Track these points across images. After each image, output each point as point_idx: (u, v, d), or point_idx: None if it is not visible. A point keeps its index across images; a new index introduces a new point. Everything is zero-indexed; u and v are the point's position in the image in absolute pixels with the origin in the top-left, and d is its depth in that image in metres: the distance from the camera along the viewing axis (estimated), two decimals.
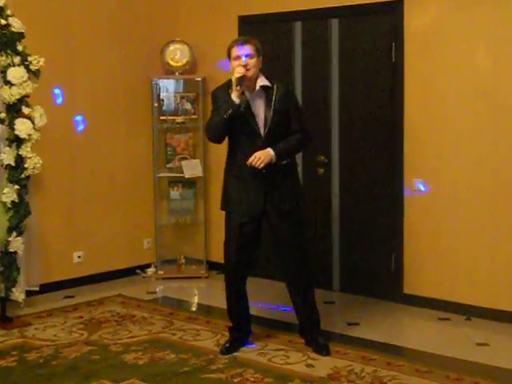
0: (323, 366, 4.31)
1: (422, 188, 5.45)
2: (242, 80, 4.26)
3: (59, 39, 5.96)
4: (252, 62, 4.34)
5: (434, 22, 5.35)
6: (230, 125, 4.33)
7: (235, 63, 4.35)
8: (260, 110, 4.41)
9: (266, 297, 5.68)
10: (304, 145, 4.65)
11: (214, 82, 6.53)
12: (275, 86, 4.43)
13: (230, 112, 4.27)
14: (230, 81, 4.37)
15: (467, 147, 5.25)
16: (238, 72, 4.27)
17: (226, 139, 4.52)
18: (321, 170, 6.00)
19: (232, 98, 4.28)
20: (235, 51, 4.37)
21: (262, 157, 4.31)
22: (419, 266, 5.54)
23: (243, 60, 4.31)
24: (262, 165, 4.31)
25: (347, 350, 4.57)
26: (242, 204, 4.46)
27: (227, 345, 4.58)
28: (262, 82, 4.41)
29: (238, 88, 4.26)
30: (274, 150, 4.34)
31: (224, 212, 4.60)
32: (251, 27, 6.26)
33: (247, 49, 4.35)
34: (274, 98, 4.40)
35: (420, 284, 5.54)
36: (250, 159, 4.31)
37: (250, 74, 4.32)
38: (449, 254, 5.38)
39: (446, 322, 5.23)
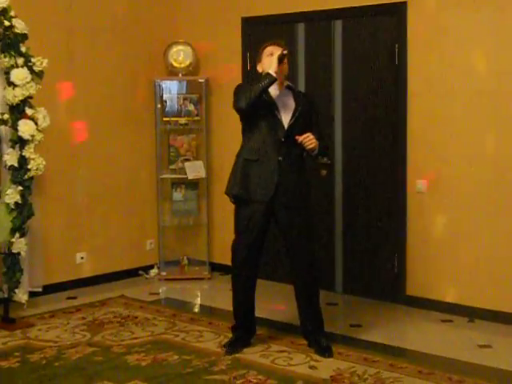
0: (326, 367, 4.31)
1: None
2: (284, 57, 4.41)
3: (62, 41, 5.96)
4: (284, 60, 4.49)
5: (437, 23, 5.34)
6: (257, 105, 4.38)
7: (268, 59, 4.48)
8: (286, 105, 4.53)
9: (270, 298, 5.70)
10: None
11: (216, 84, 6.56)
12: (300, 93, 4.70)
13: (267, 82, 4.36)
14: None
15: (471, 149, 5.25)
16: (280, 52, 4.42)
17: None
18: (324, 172, 5.99)
19: (270, 73, 4.38)
20: (269, 49, 4.53)
21: (314, 139, 4.40)
22: (422, 268, 5.54)
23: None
24: (311, 146, 4.41)
25: (350, 351, 4.57)
26: (252, 186, 4.45)
27: (230, 344, 4.58)
28: (289, 83, 4.63)
29: (277, 64, 4.37)
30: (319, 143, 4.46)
31: (233, 206, 4.58)
32: (254, 29, 6.27)
33: (281, 50, 4.49)
34: (300, 100, 4.57)
35: (423, 286, 5.54)
36: (304, 136, 4.39)
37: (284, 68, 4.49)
38: (451, 255, 5.38)
39: (449, 323, 5.22)
